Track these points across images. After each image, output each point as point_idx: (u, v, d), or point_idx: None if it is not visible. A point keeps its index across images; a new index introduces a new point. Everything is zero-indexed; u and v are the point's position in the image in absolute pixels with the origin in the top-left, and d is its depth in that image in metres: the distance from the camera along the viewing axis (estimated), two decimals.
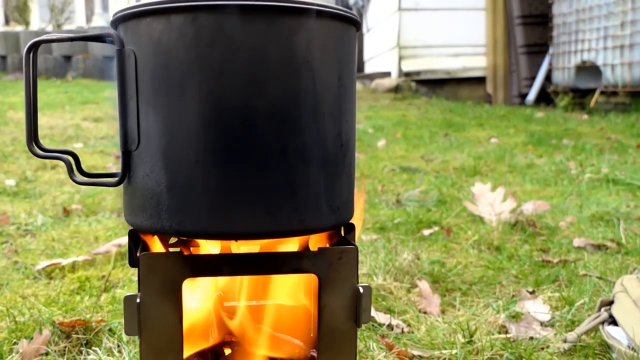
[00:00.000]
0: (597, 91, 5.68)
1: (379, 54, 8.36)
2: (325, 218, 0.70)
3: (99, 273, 1.59)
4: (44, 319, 1.22)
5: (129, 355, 1.10)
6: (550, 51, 6.47)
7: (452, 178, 2.97)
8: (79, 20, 12.34)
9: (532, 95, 6.61)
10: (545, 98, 6.57)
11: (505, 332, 1.25)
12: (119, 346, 1.15)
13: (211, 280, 0.81)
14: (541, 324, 1.29)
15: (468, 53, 7.10)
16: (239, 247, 0.74)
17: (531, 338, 1.22)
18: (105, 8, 12.49)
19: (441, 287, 1.53)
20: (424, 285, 1.47)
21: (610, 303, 1.24)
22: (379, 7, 8.27)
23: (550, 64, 6.48)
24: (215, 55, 0.63)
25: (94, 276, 1.57)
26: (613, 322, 1.20)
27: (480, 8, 7.02)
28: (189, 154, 0.64)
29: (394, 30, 7.27)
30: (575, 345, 1.17)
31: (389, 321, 1.28)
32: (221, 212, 0.65)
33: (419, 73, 7.13)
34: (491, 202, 2.16)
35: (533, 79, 6.67)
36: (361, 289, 0.74)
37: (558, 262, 1.70)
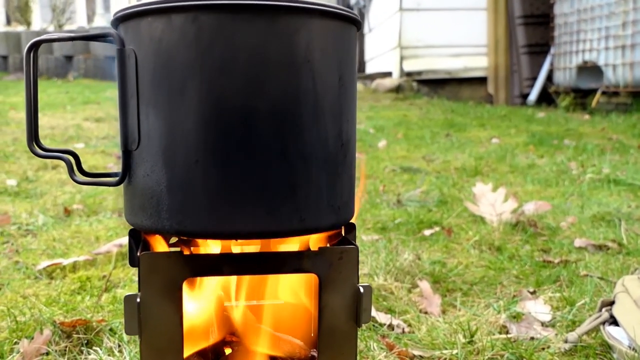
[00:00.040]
0: (599, 91, 5.67)
1: (380, 54, 8.36)
2: (325, 218, 0.70)
3: (100, 273, 1.59)
4: (44, 319, 1.22)
5: (129, 355, 1.11)
6: (552, 51, 6.46)
7: (453, 178, 2.97)
8: (81, 21, 12.36)
9: (533, 95, 6.61)
10: (547, 98, 6.56)
11: (506, 332, 1.25)
12: (119, 346, 1.15)
13: (212, 280, 0.81)
14: (542, 324, 1.29)
15: (469, 53, 7.09)
16: (239, 247, 0.74)
17: (532, 338, 1.22)
18: (106, 8, 12.51)
19: (442, 287, 1.53)
20: (424, 285, 1.47)
21: (611, 303, 1.24)
22: (381, 7, 8.28)
23: (551, 64, 6.47)
24: (216, 54, 0.63)
25: (94, 276, 1.57)
26: (614, 322, 1.19)
27: (481, 8, 7.01)
28: (189, 154, 0.65)
29: (395, 30, 7.27)
30: (576, 345, 1.17)
31: (390, 321, 1.28)
32: (221, 212, 0.65)
33: (420, 73, 7.13)
34: (492, 202, 2.16)
35: (534, 79, 6.67)
36: (361, 289, 0.74)
37: (559, 263, 1.70)
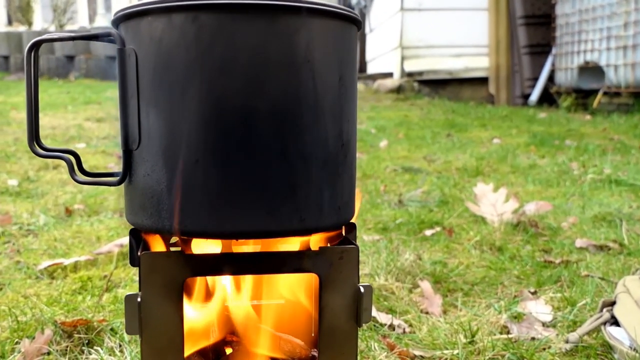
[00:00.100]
0: (600, 92, 5.67)
1: (381, 54, 8.36)
2: (326, 218, 0.70)
3: (101, 273, 1.59)
4: (45, 319, 1.22)
5: (130, 354, 1.11)
6: (553, 52, 6.46)
7: (455, 178, 2.97)
8: (82, 21, 12.37)
9: (534, 95, 6.60)
10: (548, 98, 6.56)
11: (507, 333, 1.25)
12: (120, 346, 1.15)
13: (212, 280, 0.81)
14: (543, 325, 1.29)
15: (471, 53, 7.09)
16: (239, 247, 0.74)
17: (533, 338, 1.21)
18: (107, 8, 12.52)
19: (443, 287, 1.53)
20: (425, 285, 1.47)
21: (612, 304, 1.24)
22: (382, 7, 8.27)
23: (553, 65, 6.47)
24: (216, 54, 0.63)
25: (95, 276, 1.57)
26: (615, 322, 1.19)
27: (483, 8, 7.01)
28: (189, 154, 0.65)
29: (396, 31, 7.27)
30: (577, 345, 1.16)
31: (391, 321, 1.28)
32: (222, 212, 0.65)
33: (421, 73, 7.13)
34: (493, 202, 2.16)
35: (536, 79, 6.67)
36: (362, 289, 0.74)
37: (560, 263, 1.70)
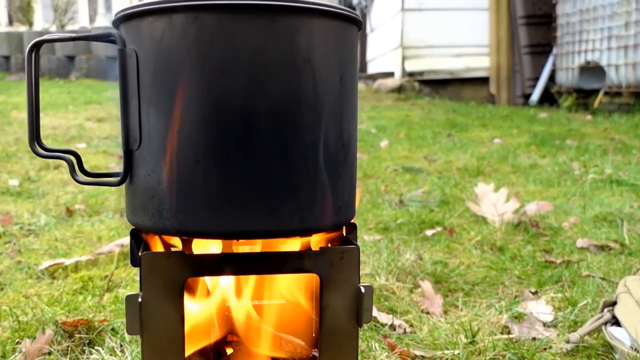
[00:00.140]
0: (601, 91, 5.66)
1: (382, 54, 8.36)
2: (326, 218, 0.70)
3: (102, 273, 1.60)
4: (46, 319, 1.22)
5: (131, 354, 1.11)
6: (554, 51, 6.45)
7: (455, 178, 2.97)
8: (83, 21, 12.38)
9: (535, 95, 6.60)
10: (549, 98, 6.56)
11: (507, 333, 1.25)
12: (121, 346, 1.15)
13: (213, 280, 0.81)
14: (544, 325, 1.29)
15: (471, 53, 7.09)
16: (240, 247, 0.74)
17: (534, 339, 1.21)
18: (108, 8, 12.52)
19: (444, 287, 1.53)
20: (426, 285, 1.47)
21: (613, 304, 1.24)
22: (383, 7, 8.28)
23: (553, 64, 6.47)
24: (216, 54, 0.63)
25: (96, 276, 1.57)
26: (616, 323, 1.19)
27: (483, 8, 7.01)
28: (190, 154, 0.65)
29: (397, 31, 7.27)
30: (578, 346, 1.16)
31: (392, 321, 1.28)
32: (222, 212, 0.65)
33: (422, 73, 7.13)
34: (494, 202, 2.16)
35: (536, 79, 6.66)
36: (363, 289, 0.74)
37: (561, 263, 1.70)
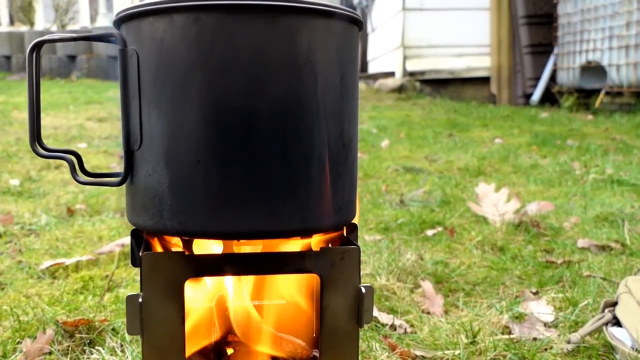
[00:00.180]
0: (602, 91, 5.66)
1: (383, 53, 8.36)
2: (327, 218, 0.70)
3: (103, 273, 1.60)
4: (47, 319, 1.23)
5: (132, 354, 1.11)
6: (555, 51, 6.45)
7: (456, 178, 2.96)
8: (84, 20, 12.38)
9: (536, 95, 6.60)
10: (550, 98, 6.55)
11: (508, 333, 1.25)
12: (122, 345, 1.15)
13: (213, 280, 0.81)
14: (545, 325, 1.29)
15: (472, 53, 7.09)
16: (241, 247, 0.74)
17: (534, 339, 1.21)
18: (109, 8, 12.52)
19: (444, 287, 1.53)
20: (427, 285, 1.47)
21: (614, 304, 1.24)
22: (384, 7, 8.27)
23: (555, 64, 6.46)
24: (217, 55, 0.63)
25: (97, 276, 1.57)
26: (617, 323, 1.19)
27: (484, 8, 7.01)
28: (190, 154, 0.65)
29: (398, 30, 7.26)
30: (579, 346, 1.16)
31: (392, 321, 1.28)
32: (223, 212, 0.65)
33: (423, 73, 7.13)
34: (495, 202, 2.15)
35: (538, 79, 6.66)
36: (363, 289, 0.74)
37: (562, 263, 1.70)
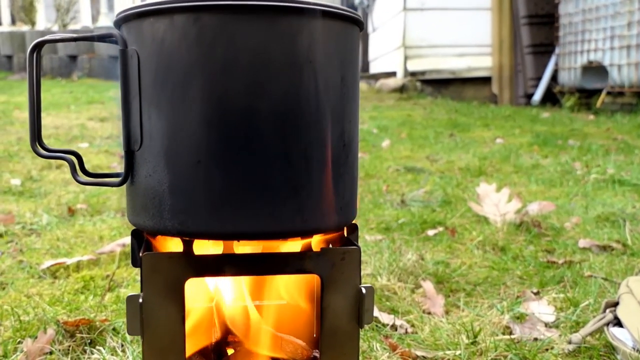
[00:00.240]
0: (604, 91, 5.65)
1: (384, 53, 8.35)
2: (327, 218, 0.70)
3: (104, 272, 1.60)
4: (48, 318, 1.23)
5: (132, 354, 1.11)
6: (557, 51, 6.44)
7: (457, 178, 2.96)
8: (85, 20, 12.38)
9: (538, 95, 6.59)
10: (551, 98, 6.55)
11: (509, 333, 1.25)
12: (122, 345, 1.15)
13: (214, 280, 0.81)
14: (546, 325, 1.29)
15: (474, 53, 7.08)
16: (241, 248, 0.74)
17: (535, 339, 1.21)
18: (110, 8, 12.52)
19: (445, 287, 1.53)
20: (428, 285, 1.47)
21: (616, 304, 1.24)
22: (385, 6, 8.27)
23: (556, 64, 6.45)
24: (218, 55, 0.63)
25: (98, 275, 1.57)
26: (618, 323, 1.19)
27: (486, 8, 7.00)
28: (191, 154, 0.64)
29: (399, 30, 7.26)
30: (580, 346, 1.16)
31: (393, 321, 1.28)
32: (223, 213, 0.65)
33: (424, 73, 7.13)
34: (496, 202, 2.15)
35: (539, 79, 6.65)
36: (364, 290, 0.74)
37: (563, 263, 1.69)
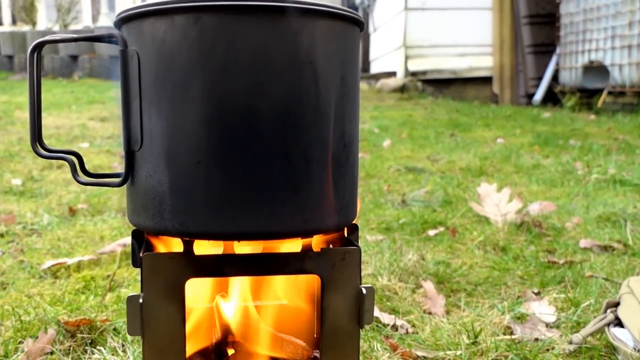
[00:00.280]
0: (605, 91, 5.65)
1: (385, 53, 8.35)
2: (328, 219, 0.70)
3: (104, 272, 1.60)
4: (49, 318, 1.23)
5: (133, 354, 1.11)
6: (558, 51, 6.44)
7: (458, 178, 2.96)
8: (86, 20, 12.38)
9: (539, 95, 6.59)
10: (552, 98, 6.54)
11: (510, 333, 1.25)
12: (123, 345, 1.15)
13: (214, 280, 0.81)
14: (546, 325, 1.28)
15: (474, 53, 7.08)
16: (241, 248, 0.74)
17: (536, 339, 1.21)
18: (111, 8, 12.52)
19: (446, 287, 1.52)
20: (428, 285, 1.47)
21: (616, 305, 1.24)
22: (385, 6, 8.26)
23: (557, 64, 6.45)
24: (218, 55, 0.63)
25: (99, 275, 1.57)
26: (619, 323, 1.19)
27: (487, 8, 7.00)
28: (191, 155, 0.64)
29: (400, 30, 7.26)
30: (581, 347, 1.16)
31: (394, 322, 1.28)
32: (224, 213, 0.65)
33: (425, 73, 7.12)
34: (497, 202, 2.15)
35: (540, 79, 6.65)
36: (364, 290, 0.74)
37: (564, 263, 1.69)
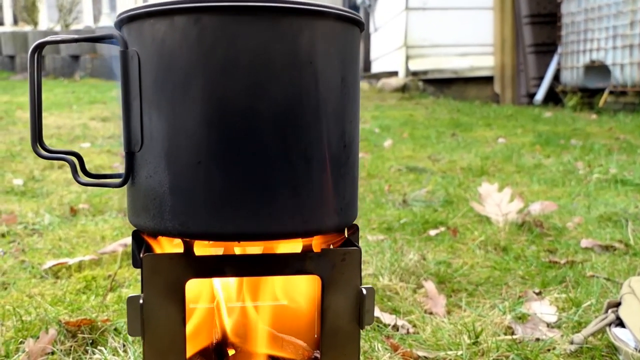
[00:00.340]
0: (606, 91, 5.64)
1: (386, 53, 8.35)
2: (328, 219, 0.70)
3: (105, 272, 1.60)
4: (50, 318, 1.23)
5: (134, 354, 1.11)
6: (559, 50, 6.43)
7: (459, 178, 2.96)
8: (87, 20, 12.39)
9: (540, 94, 6.58)
10: (554, 98, 6.54)
11: (511, 334, 1.25)
12: (124, 346, 1.15)
13: (214, 281, 0.81)
14: (548, 326, 1.28)
15: (476, 52, 7.07)
16: (241, 249, 0.74)
17: (537, 339, 1.21)
18: (112, 8, 12.53)
19: (447, 287, 1.52)
20: (429, 285, 1.47)
21: (618, 305, 1.23)
22: (386, 6, 8.26)
23: (558, 64, 6.45)
24: (218, 56, 0.63)
25: (100, 276, 1.57)
26: (620, 323, 1.19)
27: (488, 7, 6.99)
28: (191, 155, 0.64)
29: (401, 30, 7.25)
30: (582, 347, 1.16)
31: (395, 322, 1.28)
32: (224, 213, 0.65)
33: (426, 72, 7.12)
34: (498, 202, 2.15)
35: (541, 78, 6.64)
36: (364, 291, 0.74)
37: (565, 263, 1.69)
